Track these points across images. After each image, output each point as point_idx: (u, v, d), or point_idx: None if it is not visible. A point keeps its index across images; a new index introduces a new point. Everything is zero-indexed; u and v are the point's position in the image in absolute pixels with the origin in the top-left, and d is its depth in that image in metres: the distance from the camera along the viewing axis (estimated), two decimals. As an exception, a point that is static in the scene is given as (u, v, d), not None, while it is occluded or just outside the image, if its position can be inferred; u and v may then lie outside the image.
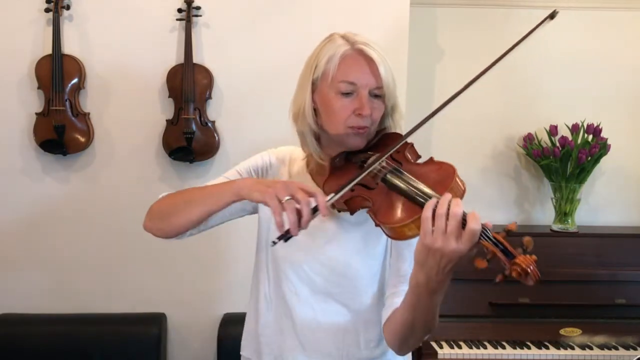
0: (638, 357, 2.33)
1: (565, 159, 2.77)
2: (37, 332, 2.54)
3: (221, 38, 2.55)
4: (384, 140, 1.38)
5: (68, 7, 2.49)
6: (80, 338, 2.53)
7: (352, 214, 1.30)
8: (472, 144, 2.95)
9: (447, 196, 1.10)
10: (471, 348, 2.42)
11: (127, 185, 2.61)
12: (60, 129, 2.48)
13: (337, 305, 1.39)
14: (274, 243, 1.22)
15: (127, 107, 2.58)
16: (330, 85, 1.34)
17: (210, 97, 2.55)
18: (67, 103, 2.49)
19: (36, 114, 2.51)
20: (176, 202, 1.41)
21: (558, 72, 2.93)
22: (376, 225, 1.23)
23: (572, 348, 2.44)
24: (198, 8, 2.51)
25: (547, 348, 2.43)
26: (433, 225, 1.08)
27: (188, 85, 2.49)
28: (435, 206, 1.09)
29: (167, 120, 2.54)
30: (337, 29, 2.30)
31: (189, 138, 2.50)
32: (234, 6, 2.54)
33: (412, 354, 2.43)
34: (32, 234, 2.62)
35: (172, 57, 2.54)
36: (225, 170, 1.57)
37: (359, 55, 1.34)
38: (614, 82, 2.94)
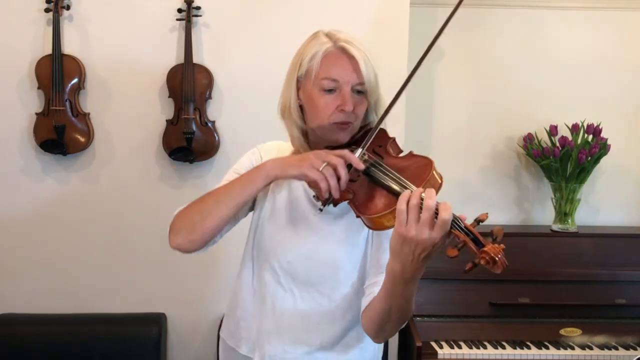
0: (638, 357, 2.33)
1: (565, 159, 2.77)
2: (37, 332, 2.54)
3: (221, 38, 2.55)
4: (367, 135, 1.41)
5: (68, 7, 2.49)
6: (80, 338, 2.53)
7: (335, 205, 1.34)
8: (472, 144, 2.95)
9: (420, 189, 1.14)
10: (471, 348, 2.42)
11: (127, 185, 2.61)
12: (60, 129, 2.48)
13: (317, 294, 1.43)
14: (321, 210, 1.31)
15: (127, 107, 2.58)
16: (314, 83, 1.37)
17: (210, 97, 2.55)
18: (67, 103, 2.49)
19: (36, 114, 2.51)
20: (203, 207, 1.39)
21: (558, 72, 2.93)
22: (357, 216, 1.28)
23: (572, 348, 2.44)
24: (198, 8, 2.51)
25: (547, 348, 2.43)
26: (407, 215, 1.12)
27: (188, 85, 2.49)
28: (409, 198, 1.13)
29: (167, 120, 2.55)
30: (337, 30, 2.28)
31: (189, 138, 2.50)
32: (233, 6, 2.54)
33: (412, 355, 2.43)
34: (32, 234, 2.62)
35: (172, 57, 2.54)
36: (225, 170, 1.58)
37: (342, 53, 1.37)
38: (614, 82, 2.94)
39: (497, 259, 1.07)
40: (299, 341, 1.45)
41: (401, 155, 1.38)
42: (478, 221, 1.13)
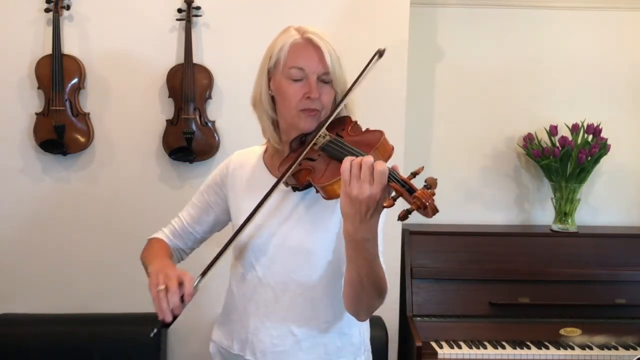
0: (638, 357, 2.33)
1: (565, 159, 2.77)
2: (37, 332, 2.53)
3: (221, 38, 2.55)
4: (334, 122, 1.48)
5: (68, 7, 2.49)
6: (80, 338, 2.53)
7: (301, 186, 1.43)
8: (472, 144, 2.96)
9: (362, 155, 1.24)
10: (471, 348, 2.42)
11: (127, 185, 2.61)
12: (60, 129, 2.48)
13: (295, 284, 1.48)
14: (154, 334, 1.40)
15: (127, 107, 2.58)
16: (283, 72, 1.45)
17: (210, 97, 2.55)
18: (67, 103, 2.49)
19: (36, 114, 2.51)
20: (145, 257, 1.74)
21: (558, 72, 2.94)
22: (316, 191, 1.36)
23: (572, 348, 2.44)
24: (198, 8, 2.51)
25: (547, 348, 2.43)
26: (350, 174, 1.20)
27: (188, 85, 2.49)
28: (351, 159, 1.22)
29: (167, 120, 2.55)
30: (337, 29, 2.30)
31: (189, 138, 2.50)
32: (233, 6, 2.54)
33: (412, 355, 2.43)
34: (31, 233, 2.62)
35: (172, 57, 2.54)
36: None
37: (308, 44, 1.45)
38: (614, 82, 2.95)
39: (427, 203, 1.12)
40: (286, 333, 1.50)
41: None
42: (414, 174, 1.20)
